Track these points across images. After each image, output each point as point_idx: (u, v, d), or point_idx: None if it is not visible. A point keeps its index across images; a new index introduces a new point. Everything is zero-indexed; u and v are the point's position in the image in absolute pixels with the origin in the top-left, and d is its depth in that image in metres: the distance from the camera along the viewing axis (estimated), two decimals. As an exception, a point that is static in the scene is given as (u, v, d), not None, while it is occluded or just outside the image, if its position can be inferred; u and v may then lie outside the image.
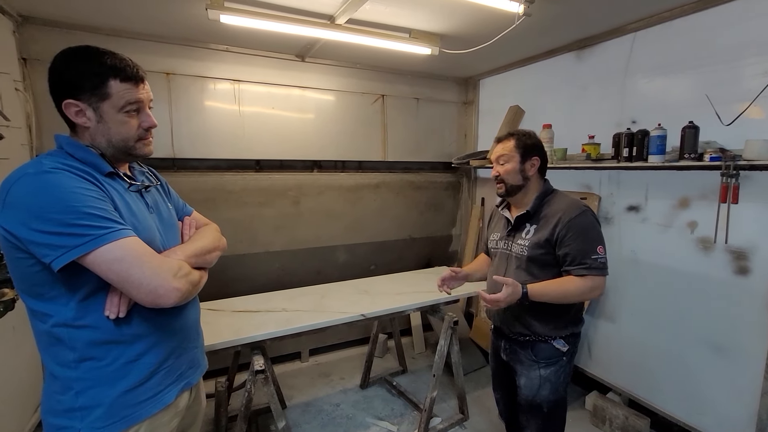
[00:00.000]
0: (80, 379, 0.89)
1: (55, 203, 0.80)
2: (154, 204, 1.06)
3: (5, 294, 1.63)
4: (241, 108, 2.70)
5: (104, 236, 0.83)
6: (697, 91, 1.93)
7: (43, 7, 2.00)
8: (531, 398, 1.51)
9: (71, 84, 0.89)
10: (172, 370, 1.02)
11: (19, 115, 2.01)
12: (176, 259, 0.96)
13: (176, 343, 1.04)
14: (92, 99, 0.90)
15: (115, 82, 0.90)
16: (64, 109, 0.90)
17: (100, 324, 0.89)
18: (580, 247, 1.38)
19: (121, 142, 0.94)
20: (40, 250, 0.81)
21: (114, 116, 0.92)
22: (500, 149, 1.53)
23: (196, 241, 1.09)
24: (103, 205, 0.86)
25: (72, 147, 0.91)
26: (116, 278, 0.85)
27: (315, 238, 3.04)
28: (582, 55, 2.51)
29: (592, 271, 1.37)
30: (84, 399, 0.89)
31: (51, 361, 0.90)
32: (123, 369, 0.92)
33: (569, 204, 1.45)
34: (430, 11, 2.04)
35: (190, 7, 1.97)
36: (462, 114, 3.59)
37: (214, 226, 1.24)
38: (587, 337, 2.53)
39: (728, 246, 1.85)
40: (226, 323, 1.85)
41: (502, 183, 1.52)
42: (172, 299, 0.89)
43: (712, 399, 1.95)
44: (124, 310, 0.90)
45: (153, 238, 0.98)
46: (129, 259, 0.84)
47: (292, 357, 3.10)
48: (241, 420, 1.76)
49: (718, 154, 1.72)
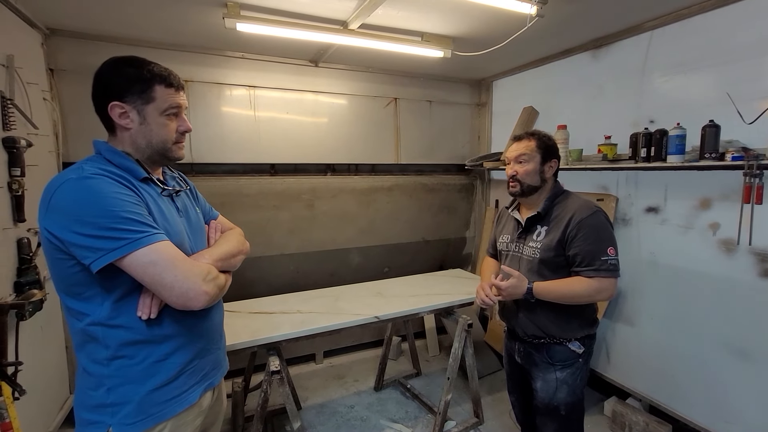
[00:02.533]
0: (111, 376, 0.93)
1: (95, 208, 0.84)
2: (183, 208, 1.10)
3: (34, 295, 1.69)
4: (257, 113, 2.75)
5: (140, 240, 0.86)
6: (718, 89, 1.88)
7: (69, 21, 2.09)
8: (548, 401, 1.49)
9: (120, 87, 0.94)
10: (197, 370, 1.05)
11: (47, 123, 2.10)
12: (205, 263, 0.99)
13: (202, 344, 1.07)
14: (138, 102, 0.96)
15: (160, 87, 0.97)
16: (109, 110, 0.95)
17: (133, 324, 0.93)
18: (590, 248, 1.37)
19: (160, 143, 1.00)
20: (80, 252, 0.85)
21: (156, 119, 0.98)
22: (521, 148, 1.49)
23: (222, 245, 1.13)
24: (139, 209, 0.90)
25: (110, 153, 0.96)
26: (150, 280, 0.88)
27: (329, 240, 3.07)
28: (598, 54, 2.48)
29: (601, 273, 1.35)
30: (115, 396, 0.93)
31: (85, 357, 0.94)
32: (152, 368, 0.96)
33: (581, 204, 1.43)
34: (442, 14, 2.04)
35: (208, 16, 2.03)
36: (475, 116, 3.58)
37: (238, 230, 1.28)
38: (605, 341, 2.48)
39: (752, 248, 1.79)
40: (243, 324, 1.88)
41: (518, 183, 1.49)
42: (201, 302, 0.92)
43: (738, 406, 1.88)
44: (156, 311, 0.94)
45: (182, 241, 1.01)
46: (162, 263, 0.88)
47: (306, 359, 3.13)
48: (257, 420, 1.79)
49: (740, 154, 1.67)
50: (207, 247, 1.14)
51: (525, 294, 1.41)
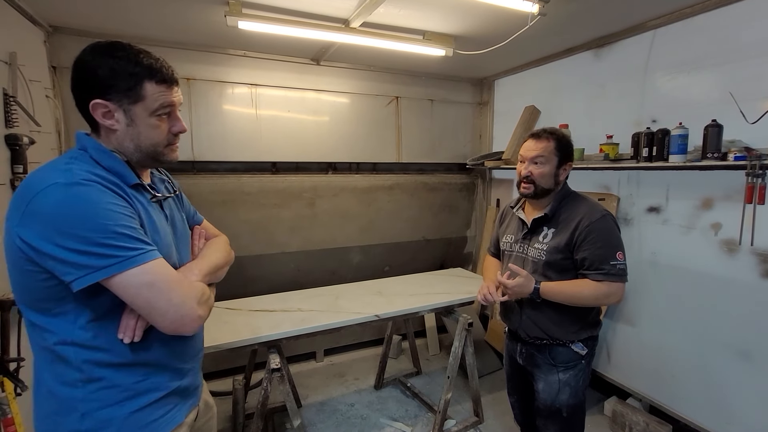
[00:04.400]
0: (86, 399, 0.81)
1: (84, 220, 0.73)
2: (170, 215, 1.01)
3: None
4: (258, 111, 2.75)
5: (134, 258, 0.77)
6: (721, 89, 1.87)
7: (71, 18, 2.10)
8: (550, 403, 1.48)
9: (103, 83, 0.80)
10: (183, 390, 0.98)
11: (49, 120, 2.10)
12: (199, 284, 0.92)
13: (188, 365, 1.00)
14: (124, 100, 0.82)
15: (150, 84, 0.84)
16: (90, 109, 0.82)
17: (113, 346, 0.82)
18: (598, 252, 1.35)
19: (150, 147, 0.88)
20: (61, 267, 0.74)
21: (145, 119, 0.85)
22: (540, 149, 1.42)
23: (210, 257, 1.04)
24: (133, 223, 0.80)
25: (98, 152, 0.83)
26: (142, 304, 0.79)
27: (330, 239, 3.07)
28: (600, 53, 2.47)
29: (610, 277, 1.34)
30: (91, 422, 0.81)
31: (51, 378, 0.82)
32: (133, 389, 0.86)
33: (590, 208, 1.42)
34: (444, 13, 2.04)
35: (210, 14, 2.03)
36: (477, 115, 3.57)
37: (224, 238, 1.19)
38: (606, 341, 2.48)
39: (754, 248, 1.79)
40: (244, 322, 1.89)
41: (532, 185, 1.43)
42: (194, 327, 0.85)
43: (739, 407, 1.88)
44: (140, 334, 0.83)
45: (170, 254, 0.93)
46: (159, 285, 0.79)
47: (307, 357, 3.14)
48: (258, 418, 1.79)
49: (743, 154, 1.67)
50: (192, 257, 1.05)
51: (531, 294, 1.39)
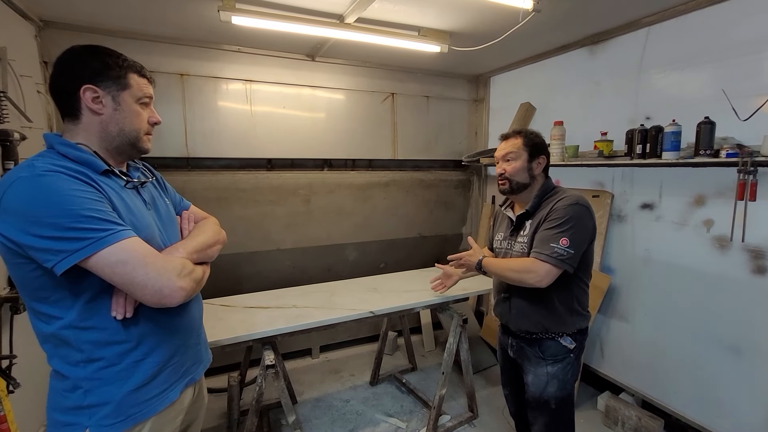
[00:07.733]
0: (88, 378, 0.89)
1: (51, 207, 0.79)
2: (151, 200, 1.05)
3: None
4: (253, 108, 2.74)
5: (105, 238, 0.81)
6: (713, 86, 1.88)
7: (63, 13, 2.07)
8: (538, 395, 1.51)
9: (94, 71, 0.92)
10: (177, 367, 1.03)
11: (41, 116, 2.08)
12: (179, 258, 0.95)
13: (181, 340, 1.04)
14: (112, 87, 0.93)
15: (136, 76, 0.97)
16: (81, 93, 0.90)
17: (107, 325, 0.89)
18: (545, 233, 1.38)
19: (133, 131, 0.98)
20: (41, 255, 0.80)
21: (131, 106, 0.97)
22: (508, 146, 1.52)
23: (197, 237, 1.08)
24: (101, 206, 0.85)
25: (64, 146, 0.89)
26: (120, 280, 0.84)
27: (325, 236, 3.07)
28: (595, 50, 2.47)
29: (541, 256, 1.35)
30: (92, 398, 0.90)
31: (58, 361, 0.90)
32: (130, 368, 0.93)
33: (566, 196, 1.44)
34: (439, 8, 2.03)
35: (203, 9, 2.01)
36: (472, 112, 3.57)
37: (213, 219, 1.23)
38: (599, 336, 2.50)
39: (745, 245, 1.80)
40: (239, 319, 1.88)
41: (507, 180, 1.51)
42: (177, 299, 0.89)
43: (729, 401, 1.90)
44: (131, 310, 0.90)
45: (152, 235, 0.97)
46: (132, 261, 0.83)
47: (303, 353, 3.14)
48: (253, 414, 1.79)
49: (734, 150, 1.68)
50: (180, 239, 1.09)
51: (476, 265, 1.58)
